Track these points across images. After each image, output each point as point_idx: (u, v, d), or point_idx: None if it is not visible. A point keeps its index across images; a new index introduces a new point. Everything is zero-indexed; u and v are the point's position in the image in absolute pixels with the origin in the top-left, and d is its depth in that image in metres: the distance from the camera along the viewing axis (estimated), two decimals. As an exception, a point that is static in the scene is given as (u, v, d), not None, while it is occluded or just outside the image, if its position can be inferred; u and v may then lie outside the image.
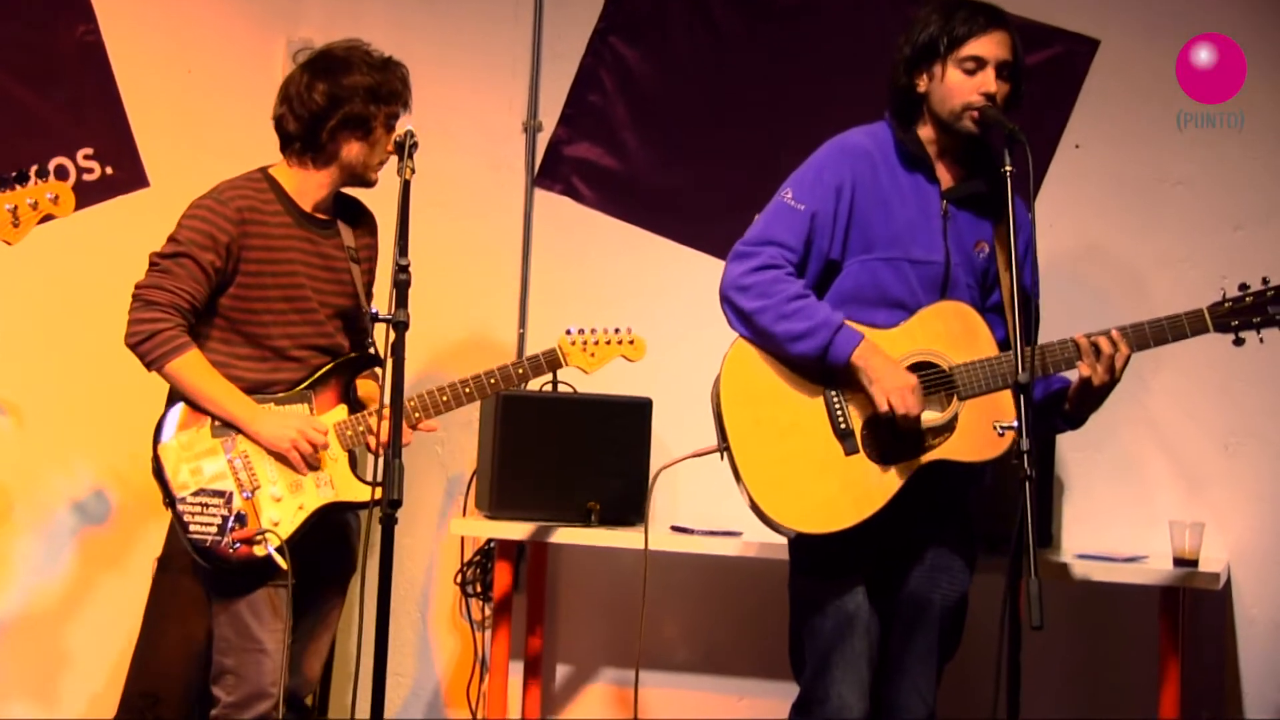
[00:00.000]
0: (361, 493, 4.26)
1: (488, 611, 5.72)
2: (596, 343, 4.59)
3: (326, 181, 4.32)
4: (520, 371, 4.46)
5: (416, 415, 4.31)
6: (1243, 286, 4.10)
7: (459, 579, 5.78)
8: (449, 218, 5.77)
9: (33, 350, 5.35)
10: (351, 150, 4.28)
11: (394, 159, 4.13)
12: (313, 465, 4.21)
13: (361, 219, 4.48)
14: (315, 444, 4.19)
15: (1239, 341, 4.10)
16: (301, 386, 4.27)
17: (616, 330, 4.63)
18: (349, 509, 4.33)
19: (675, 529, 5.35)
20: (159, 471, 4.19)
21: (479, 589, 5.79)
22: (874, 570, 4.19)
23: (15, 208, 4.03)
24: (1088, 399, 4.13)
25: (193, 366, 4.17)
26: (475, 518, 5.47)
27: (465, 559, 5.78)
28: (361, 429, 4.28)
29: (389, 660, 3.78)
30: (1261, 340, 4.11)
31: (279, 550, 4.09)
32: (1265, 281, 4.10)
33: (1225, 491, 5.25)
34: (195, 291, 4.18)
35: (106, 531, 5.46)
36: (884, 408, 4.03)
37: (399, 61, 4.37)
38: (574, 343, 4.56)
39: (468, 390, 4.38)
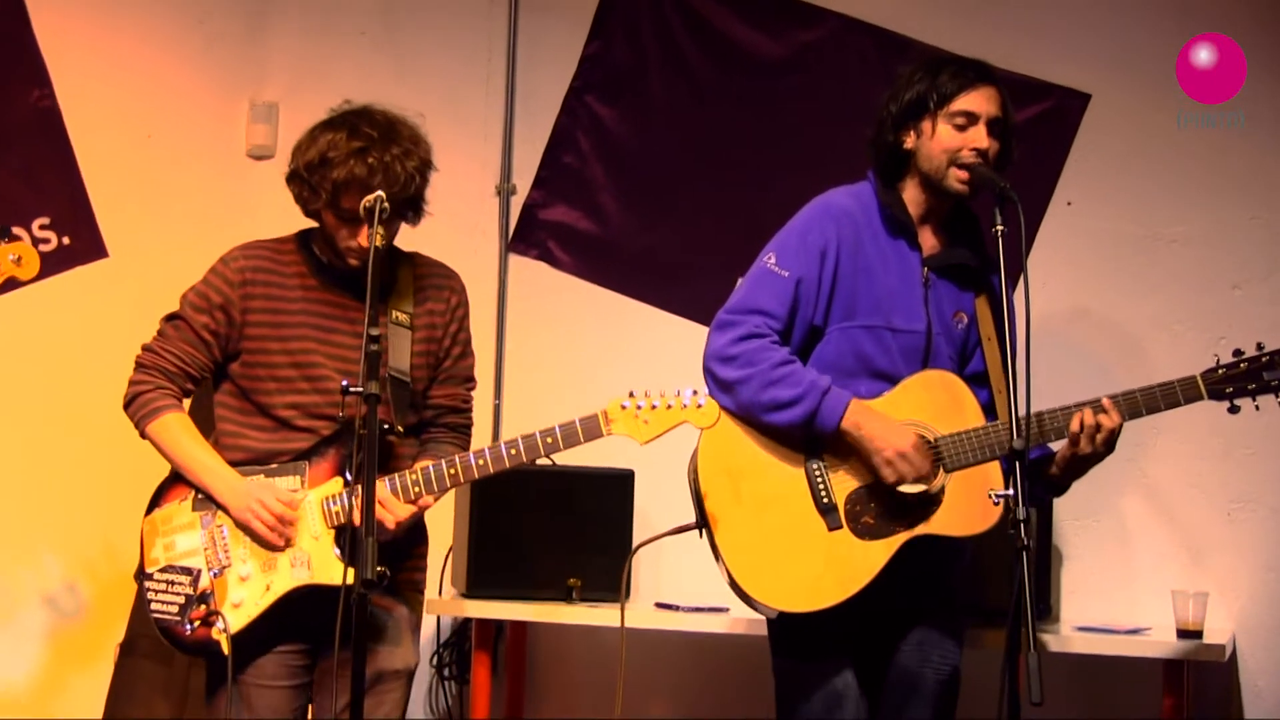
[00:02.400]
0: (341, 575, 3.94)
1: (465, 696, 5.72)
2: (655, 408, 4.09)
3: None
4: (550, 441, 4.09)
5: (416, 490, 4.13)
6: (1237, 352, 4.12)
7: (434, 661, 5.78)
8: (421, 285, 5.81)
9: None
10: (326, 220, 4.20)
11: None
12: (277, 540, 4.09)
13: (433, 285, 4.34)
14: (277, 515, 4.08)
15: (1234, 409, 4.12)
16: (297, 458, 4.17)
17: (679, 392, 4.10)
18: (323, 593, 4.08)
19: (660, 605, 5.36)
20: (141, 546, 4.17)
21: (455, 671, 5.79)
22: (859, 650, 4.19)
23: None
24: (1075, 468, 4.15)
25: (170, 431, 4.13)
26: (451, 597, 5.48)
27: (441, 640, 5.78)
28: (351, 505, 4.05)
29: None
30: (1258, 408, 4.14)
31: (227, 636, 4.00)
32: (1260, 347, 4.13)
33: (1229, 560, 5.28)
34: (186, 355, 4.16)
35: (78, 624, 5.43)
36: (892, 478, 4.04)
37: (395, 135, 4.14)
38: (625, 408, 4.09)
39: (481, 463, 4.13)
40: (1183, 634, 4.86)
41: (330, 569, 4.11)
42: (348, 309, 4.22)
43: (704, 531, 4.16)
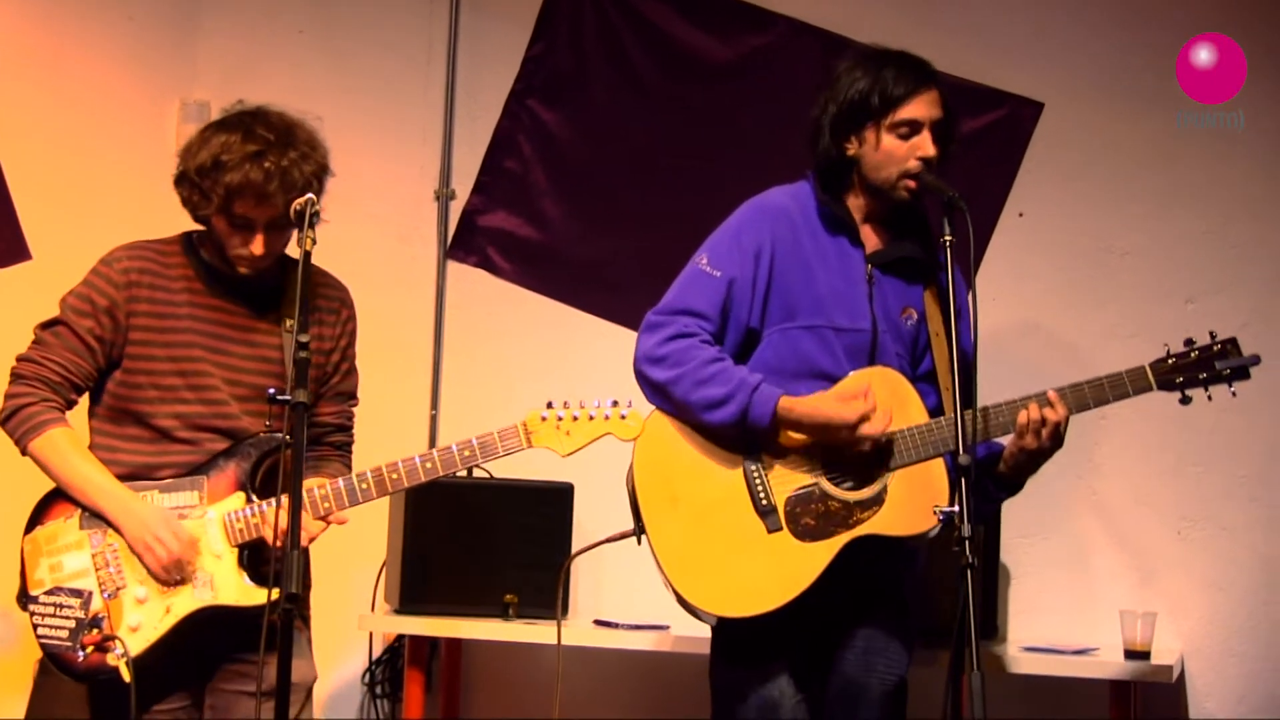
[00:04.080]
0: (246, 595, 4.02)
1: (397, 713, 5.71)
2: (576, 419, 4.11)
3: None
4: (467, 453, 4.07)
5: (326, 505, 4.07)
6: (1188, 342, 4.13)
7: (366, 678, 5.77)
8: (355, 292, 5.74)
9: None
10: (216, 226, 4.12)
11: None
12: (167, 579, 3.99)
13: (324, 297, 4.26)
14: (176, 556, 3.98)
15: (1186, 400, 4.11)
16: (192, 472, 4.09)
17: (599, 403, 4.11)
18: (227, 614, 4.03)
19: (599, 623, 5.36)
20: (21, 566, 4.04)
21: (387, 689, 5.78)
22: (801, 656, 4.18)
23: None
24: (1023, 464, 4.15)
25: (55, 448, 4.02)
26: (384, 613, 5.47)
27: (373, 657, 5.78)
28: (255, 520, 4.05)
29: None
30: (1210, 398, 4.14)
31: (127, 662, 3.90)
32: (1212, 336, 4.14)
33: (1178, 579, 5.32)
34: (70, 363, 4.05)
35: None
36: (864, 446, 4.04)
37: (292, 138, 4.08)
38: (545, 419, 4.09)
39: (394, 477, 4.08)
40: (1130, 654, 4.90)
41: (234, 589, 4.05)
42: (237, 317, 4.16)
43: (642, 538, 4.16)
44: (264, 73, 5.99)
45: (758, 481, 4.14)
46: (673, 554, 4.12)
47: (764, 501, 4.13)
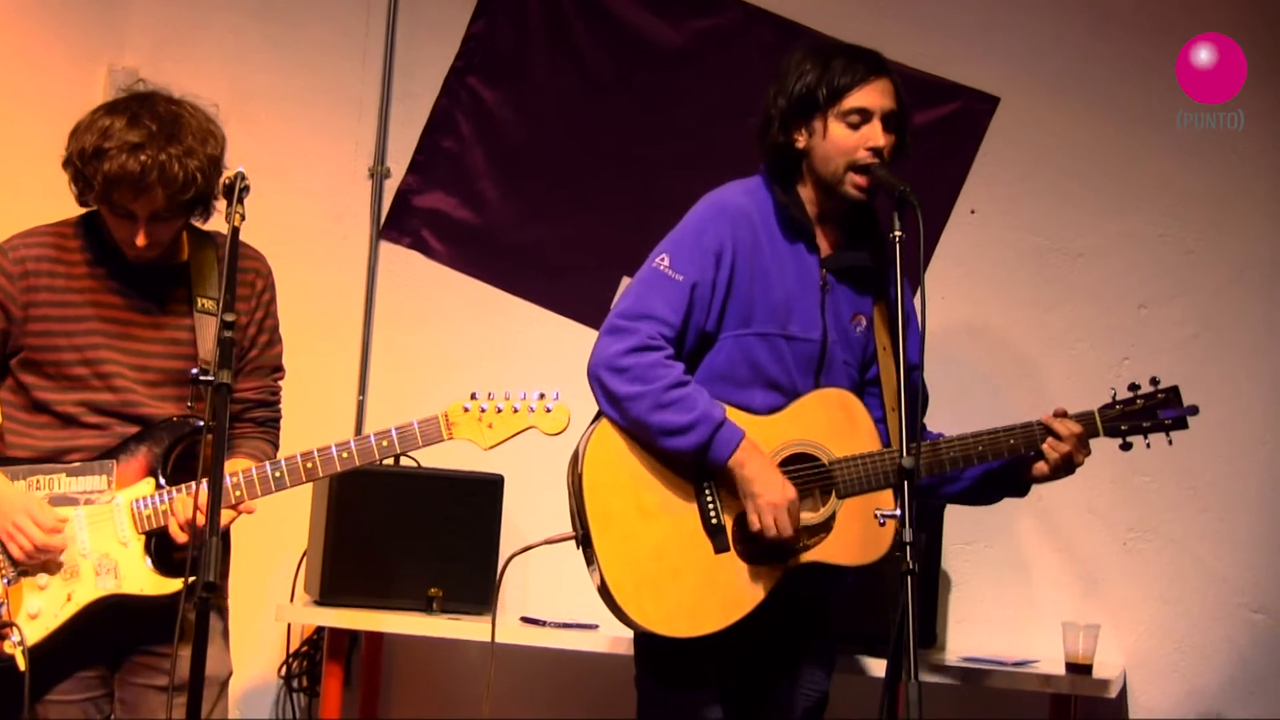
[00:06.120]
0: (153, 584, 3.97)
1: (314, 709, 5.68)
2: (499, 411, 4.13)
3: None
4: (385, 444, 4.05)
5: (238, 494, 4.01)
6: (1133, 386, 4.17)
7: (283, 671, 5.74)
8: (284, 271, 5.65)
9: None
10: (102, 212, 4.05)
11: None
12: (28, 564, 3.93)
13: (240, 269, 4.09)
14: (38, 545, 3.92)
15: (1126, 446, 4.20)
16: (102, 456, 4.04)
17: (525, 395, 4.13)
18: (133, 604, 3.98)
19: (525, 620, 5.34)
20: None
21: (304, 683, 5.75)
22: (728, 677, 4.18)
23: None
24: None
25: None
26: (304, 604, 5.42)
27: (291, 649, 5.74)
28: (164, 508, 4.00)
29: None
30: (1149, 445, 4.21)
31: (23, 650, 3.85)
32: (1155, 383, 4.17)
33: (1123, 591, 5.33)
34: None
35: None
36: (757, 527, 4.02)
37: (178, 131, 3.97)
38: (467, 410, 4.10)
39: (309, 466, 4.04)
40: (1072, 667, 4.91)
41: (140, 577, 4.00)
42: (142, 300, 4.10)
43: (583, 544, 4.11)
44: (195, 39, 5.94)
45: (710, 499, 4.11)
46: (615, 564, 4.06)
47: (714, 520, 4.09)
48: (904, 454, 3.75)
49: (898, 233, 3.94)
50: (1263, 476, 5.30)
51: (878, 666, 4.74)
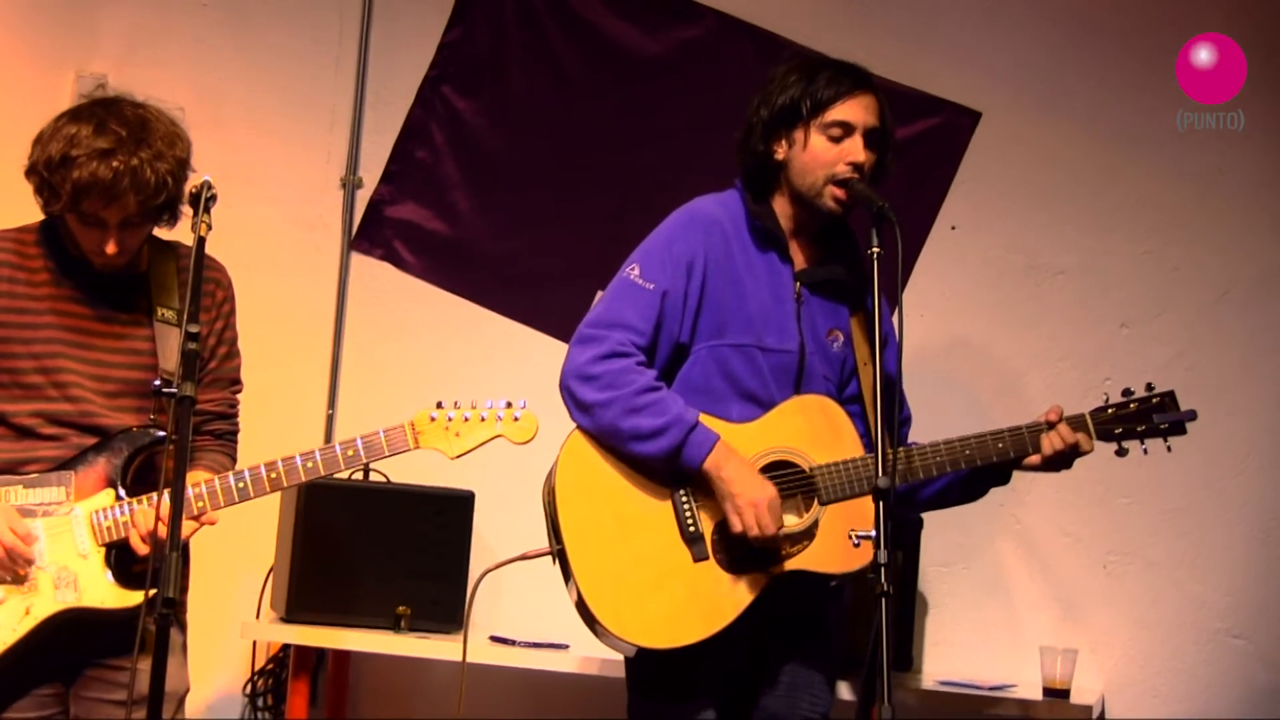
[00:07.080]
0: (114, 597, 3.94)
1: (279, 728, 5.66)
2: (466, 419, 4.11)
3: None
4: (351, 454, 4.02)
5: (200, 505, 3.96)
6: (1126, 391, 4.15)
7: (248, 689, 5.71)
8: (252, 281, 5.60)
9: None
10: (69, 221, 4.02)
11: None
12: (9, 576, 3.92)
13: (201, 278, 4.01)
14: (6, 547, 3.89)
15: (1122, 452, 4.14)
16: (59, 467, 4.00)
17: (492, 404, 4.11)
18: (93, 617, 3.95)
19: (494, 639, 5.31)
20: None
21: (270, 701, 5.72)
22: (723, 691, 4.15)
23: None
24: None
25: None
26: (269, 620, 5.39)
27: (256, 667, 5.71)
28: (124, 519, 3.96)
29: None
30: (1145, 452, 4.16)
31: None
32: (1150, 387, 4.15)
33: (1103, 615, 5.32)
34: None
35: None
36: (738, 527, 4.00)
37: (146, 135, 3.94)
38: (434, 419, 4.08)
39: (273, 476, 4.01)
40: (1049, 693, 4.91)
41: (100, 590, 3.97)
42: (102, 309, 4.07)
43: (559, 558, 4.08)
44: (165, 46, 5.90)
45: (686, 507, 4.08)
46: (592, 578, 4.04)
47: (691, 528, 4.07)
48: (879, 473, 3.75)
49: (876, 249, 3.93)
50: (1244, 500, 5.29)
51: (851, 690, 4.72)
